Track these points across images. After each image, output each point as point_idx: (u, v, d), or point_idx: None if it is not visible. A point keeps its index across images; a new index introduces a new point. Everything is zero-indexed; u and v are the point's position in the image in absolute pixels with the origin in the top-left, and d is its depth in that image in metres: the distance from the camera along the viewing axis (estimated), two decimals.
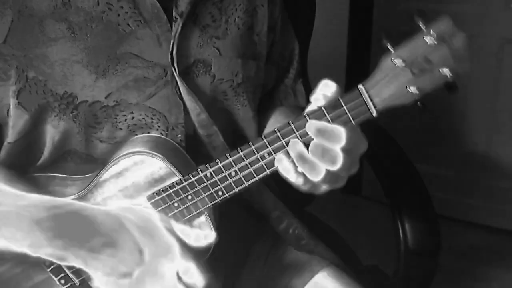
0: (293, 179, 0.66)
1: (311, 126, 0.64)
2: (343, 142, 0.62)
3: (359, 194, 2.38)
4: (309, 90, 0.85)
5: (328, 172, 0.63)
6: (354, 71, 2.22)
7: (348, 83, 0.63)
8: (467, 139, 2.14)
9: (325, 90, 0.64)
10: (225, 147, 0.80)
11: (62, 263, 0.66)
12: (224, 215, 0.78)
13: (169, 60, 0.74)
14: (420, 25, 0.62)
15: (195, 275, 0.63)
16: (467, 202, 2.19)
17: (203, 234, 0.67)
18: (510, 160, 2.07)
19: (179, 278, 0.63)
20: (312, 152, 0.64)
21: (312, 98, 0.65)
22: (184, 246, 0.65)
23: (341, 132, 0.62)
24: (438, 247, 0.96)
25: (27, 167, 0.76)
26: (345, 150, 0.62)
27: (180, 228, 0.67)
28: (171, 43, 0.74)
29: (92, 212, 0.66)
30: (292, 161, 0.65)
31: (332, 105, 0.64)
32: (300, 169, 0.65)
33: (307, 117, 0.65)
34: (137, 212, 0.67)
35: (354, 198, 2.36)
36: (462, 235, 2.09)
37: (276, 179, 0.68)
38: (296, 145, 0.65)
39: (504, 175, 2.09)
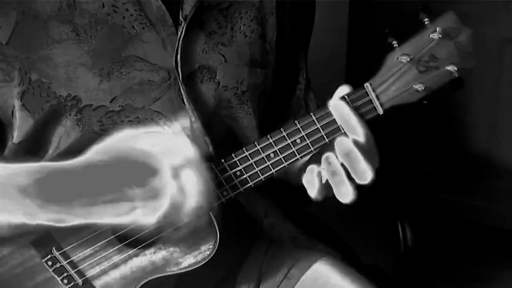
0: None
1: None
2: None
3: (359, 194, 2.37)
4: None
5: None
6: (354, 71, 2.22)
7: (348, 83, 0.63)
8: (467, 139, 2.14)
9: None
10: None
11: (66, 225, 0.63)
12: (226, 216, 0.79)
13: (174, 64, 0.74)
14: (425, 22, 0.61)
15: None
16: (467, 202, 2.19)
17: None
18: (510, 160, 2.08)
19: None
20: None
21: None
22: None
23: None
24: (437, 247, 0.96)
25: None
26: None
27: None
28: (176, 47, 0.73)
29: (69, 167, 0.64)
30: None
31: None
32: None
33: (315, 120, 0.66)
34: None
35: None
36: (462, 235, 2.09)
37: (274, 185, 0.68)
38: (343, 142, 0.66)
39: (504, 175, 2.09)
